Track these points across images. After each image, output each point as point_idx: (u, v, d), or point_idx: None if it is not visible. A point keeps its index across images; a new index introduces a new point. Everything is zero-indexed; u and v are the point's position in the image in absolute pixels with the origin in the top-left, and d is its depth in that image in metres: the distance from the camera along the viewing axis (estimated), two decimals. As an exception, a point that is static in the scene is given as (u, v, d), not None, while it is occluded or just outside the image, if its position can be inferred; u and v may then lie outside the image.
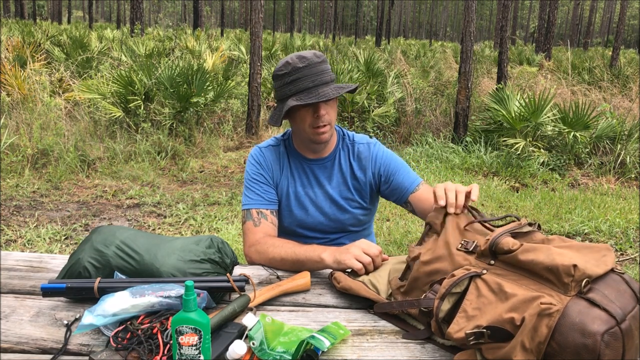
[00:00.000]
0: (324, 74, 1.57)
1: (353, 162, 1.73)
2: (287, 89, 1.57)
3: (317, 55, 1.59)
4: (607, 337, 0.84)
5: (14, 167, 5.27)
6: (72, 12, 45.71)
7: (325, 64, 1.60)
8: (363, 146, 1.74)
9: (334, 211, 1.73)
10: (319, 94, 1.53)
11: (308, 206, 1.72)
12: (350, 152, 1.74)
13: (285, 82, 1.57)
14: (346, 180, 1.73)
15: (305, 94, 1.54)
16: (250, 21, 7.11)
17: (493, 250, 1.03)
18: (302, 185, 1.73)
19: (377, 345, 1.10)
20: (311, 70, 1.55)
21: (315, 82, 1.55)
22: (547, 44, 16.09)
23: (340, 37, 37.23)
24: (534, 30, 39.65)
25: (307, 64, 1.55)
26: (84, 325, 1.05)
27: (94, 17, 44.11)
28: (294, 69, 1.55)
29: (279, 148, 1.75)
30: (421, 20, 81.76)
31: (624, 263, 3.80)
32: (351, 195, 1.73)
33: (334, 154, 1.74)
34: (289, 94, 1.57)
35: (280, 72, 1.58)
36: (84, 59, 8.79)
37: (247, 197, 1.69)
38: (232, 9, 76.83)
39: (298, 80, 1.55)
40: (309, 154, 1.72)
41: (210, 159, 6.32)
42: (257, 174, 1.70)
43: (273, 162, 1.73)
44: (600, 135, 6.53)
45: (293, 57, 1.57)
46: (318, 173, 1.73)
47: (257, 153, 1.74)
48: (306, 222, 1.73)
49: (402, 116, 7.83)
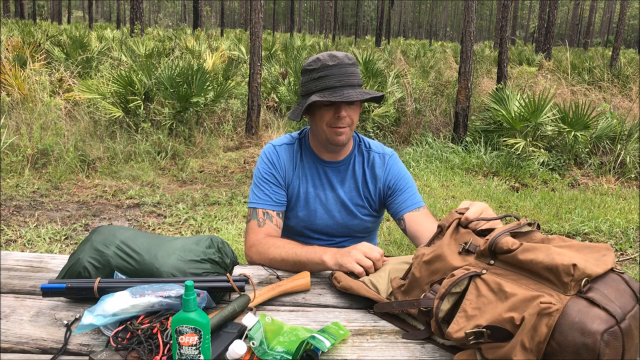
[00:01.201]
0: (352, 76, 1.55)
1: (367, 169, 1.72)
2: (313, 84, 1.56)
3: (349, 57, 1.57)
4: (606, 336, 0.84)
5: (14, 167, 5.27)
6: (72, 12, 45.71)
7: (355, 67, 1.58)
8: (378, 156, 1.72)
9: (343, 216, 1.71)
10: (343, 94, 1.51)
11: (317, 208, 1.70)
12: (365, 160, 1.72)
13: (312, 78, 1.56)
14: (358, 186, 1.71)
15: (330, 92, 1.52)
16: (250, 21, 7.11)
17: (493, 250, 1.03)
18: (314, 186, 1.71)
19: (377, 345, 1.10)
20: (340, 70, 1.54)
21: (341, 82, 1.53)
22: (547, 44, 16.09)
23: (340, 37, 37.24)
24: (534, 30, 39.66)
25: (337, 62, 1.54)
26: (84, 325, 1.05)
27: (94, 17, 44.13)
28: (323, 65, 1.54)
29: (294, 146, 1.72)
30: (421, 20, 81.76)
31: (624, 263, 3.80)
32: (361, 202, 1.72)
33: (349, 158, 1.71)
34: (314, 90, 1.55)
35: (310, 67, 1.57)
36: (84, 59, 8.79)
37: (255, 195, 1.67)
38: (232, 9, 76.83)
39: (325, 77, 1.54)
40: (324, 155, 1.70)
41: (210, 159, 6.32)
42: (269, 173, 1.68)
43: (287, 161, 1.70)
44: (600, 135, 6.53)
45: (325, 54, 1.57)
46: (331, 176, 1.71)
47: (271, 151, 1.71)
48: (314, 224, 1.72)
49: (402, 116, 7.82)
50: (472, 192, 5.37)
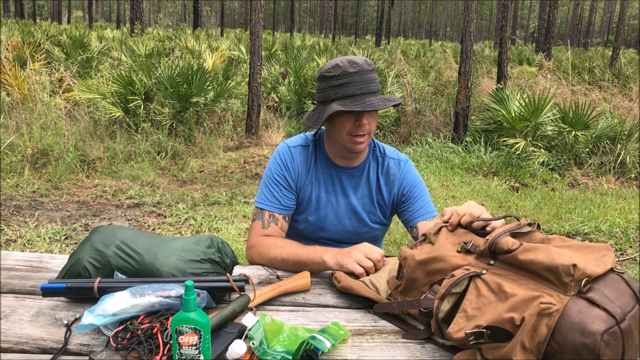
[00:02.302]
0: (372, 83, 1.52)
1: (381, 176, 1.69)
2: (333, 92, 1.52)
3: (369, 63, 1.54)
4: (606, 336, 0.84)
5: (13, 167, 5.27)
6: (72, 12, 45.72)
7: (374, 73, 1.55)
8: (393, 162, 1.70)
9: (354, 223, 1.69)
10: (365, 102, 1.48)
11: (328, 214, 1.68)
12: (380, 166, 1.70)
13: (331, 85, 1.52)
14: (372, 193, 1.69)
15: (351, 101, 1.49)
16: (250, 21, 7.11)
17: (492, 250, 1.03)
18: (327, 191, 1.68)
19: (377, 345, 1.10)
20: (361, 77, 1.50)
21: (363, 90, 1.50)
22: (547, 44, 16.08)
23: (340, 37, 37.22)
24: (534, 30, 39.65)
25: (357, 69, 1.50)
26: (84, 325, 1.05)
27: (94, 17, 44.13)
28: (343, 73, 1.50)
29: (308, 149, 1.68)
30: (421, 20, 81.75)
31: (624, 263, 3.80)
32: (373, 209, 1.70)
33: (364, 164, 1.69)
34: (334, 98, 1.51)
35: (329, 74, 1.52)
36: (84, 59, 8.78)
37: (263, 196, 1.64)
38: (232, 9, 76.83)
39: (346, 85, 1.50)
40: (339, 161, 1.67)
41: (210, 159, 6.32)
42: (281, 175, 1.64)
43: (300, 164, 1.66)
44: (600, 135, 6.53)
45: (344, 60, 1.52)
46: (345, 182, 1.68)
47: (285, 152, 1.67)
48: (323, 229, 1.69)
49: (402, 116, 7.83)
50: (472, 192, 5.37)
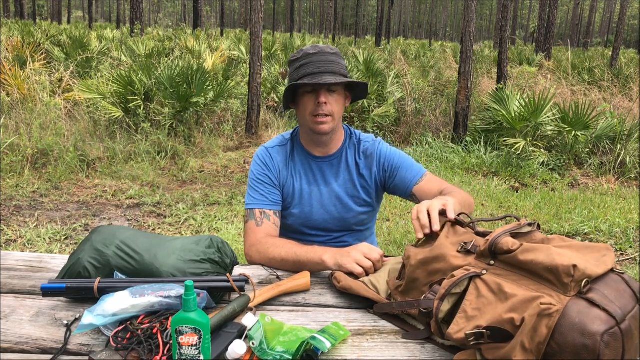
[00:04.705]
0: (332, 64, 1.58)
1: (359, 160, 1.74)
2: (296, 73, 1.60)
3: (331, 48, 1.62)
4: (606, 337, 0.84)
5: (13, 167, 5.27)
6: (72, 12, 45.72)
7: (338, 57, 1.62)
8: (369, 144, 1.75)
9: (339, 209, 1.73)
10: (322, 79, 1.54)
11: (313, 204, 1.72)
12: (357, 150, 1.75)
13: (295, 67, 1.62)
14: (353, 177, 1.73)
15: (309, 78, 1.56)
16: (250, 21, 7.11)
17: (493, 250, 1.03)
18: (308, 182, 1.72)
19: (377, 345, 1.10)
20: (320, 58, 1.58)
21: (321, 69, 1.57)
22: (547, 44, 16.08)
23: (340, 37, 37.24)
24: (534, 30, 39.64)
25: (317, 51, 1.59)
26: (84, 325, 1.05)
27: (94, 17, 44.12)
28: (304, 55, 1.60)
29: (286, 147, 1.75)
30: (421, 20, 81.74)
31: (624, 263, 3.80)
32: (357, 193, 1.73)
33: (340, 151, 1.74)
34: (297, 78, 1.59)
35: (293, 58, 1.64)
36: (84, 59, 8.78)
37: (250, 197, 1.68)
38: (232, 9, 76.83)
39: (306, 65, 1.58)
40: (315, 151, 1.72)
41: (210, 159, 6.32)
42: (263, 174, 1.70)
43: (280, 162, 1.72)
44: (600, 135, 6.53)
45: (308, 46, 1.62)
46: (325, 170, 1.73)
47: (263, 153, 1.73)
48: (310, 220, 1.73)
49: (402, 116, 7.83)
50: (472, 192, 5.37)
